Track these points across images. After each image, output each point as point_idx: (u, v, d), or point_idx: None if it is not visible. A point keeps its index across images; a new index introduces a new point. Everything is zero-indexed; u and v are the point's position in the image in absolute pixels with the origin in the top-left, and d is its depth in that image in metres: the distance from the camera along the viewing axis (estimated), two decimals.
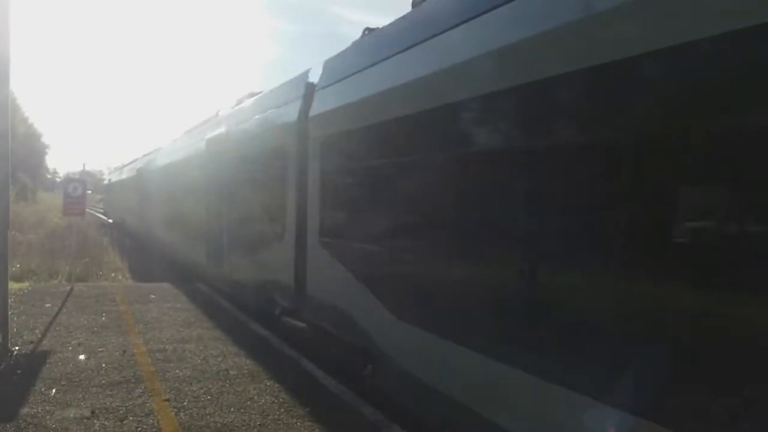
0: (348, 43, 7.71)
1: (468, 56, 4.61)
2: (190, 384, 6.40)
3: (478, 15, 4.60)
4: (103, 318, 9.59)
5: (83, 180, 14.19)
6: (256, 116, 10.16)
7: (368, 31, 7.22)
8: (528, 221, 4.17)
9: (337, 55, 7.72)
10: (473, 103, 4.65)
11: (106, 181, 41.66)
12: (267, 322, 9.27)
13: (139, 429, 5.12)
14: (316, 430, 5.29)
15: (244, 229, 10.59)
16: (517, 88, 4.11)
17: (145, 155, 27.27)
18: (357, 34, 7.52)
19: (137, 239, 24.00)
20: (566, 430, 3.67)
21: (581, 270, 3.72)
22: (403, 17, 6.29)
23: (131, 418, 5.37)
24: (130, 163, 32.96)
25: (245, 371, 6.94)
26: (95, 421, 5.25)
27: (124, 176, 31.52)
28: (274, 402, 5.95)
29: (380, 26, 7.02)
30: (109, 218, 38.84)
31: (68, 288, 12.34)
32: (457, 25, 4.89)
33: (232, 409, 5.68)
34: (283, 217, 8.41)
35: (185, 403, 5.80)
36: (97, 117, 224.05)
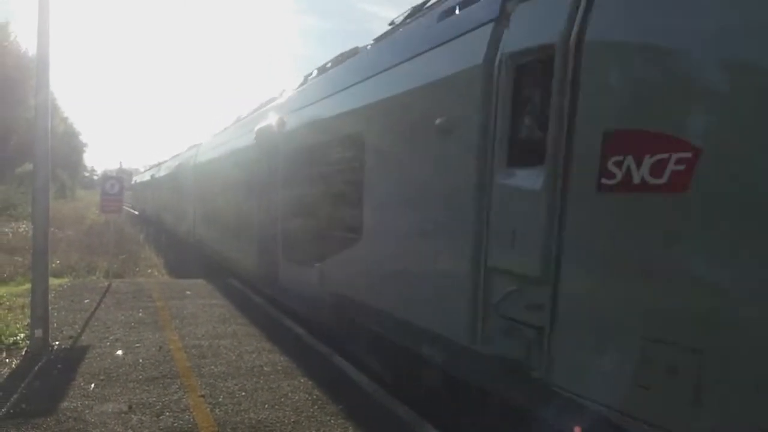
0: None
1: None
2: (225, 380, 6.46)
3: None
4: (140, 314, 9.75)
5: (120, 178, 14.43)
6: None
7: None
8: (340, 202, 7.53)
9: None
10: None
11: (133, 182, 47.96)
12: (300, 320, 9.28)
13: (176, 425, 5.18)
14: (350, 427, 5.28)
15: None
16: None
17: (158, 164, 33.79)
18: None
19: (152, 223, 27.92)
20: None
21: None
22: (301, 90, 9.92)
23: (167, 413, 5.44)
24: (150, 168, 41.83)
25: (279, 368, 6.98)
26: (132, 416, 5.33)
27: (145, 178, 39.94)
28: (307, 399, 5.97)
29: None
30: (135, 210, 45.97)
31: (106, 284, 12.58)
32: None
33: (266, 406, 5.72)
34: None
35: (220, 399, 5.86)
36: (133, 116, 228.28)
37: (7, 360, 6.87)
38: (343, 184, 7.45)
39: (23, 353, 7.09)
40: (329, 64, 9.21)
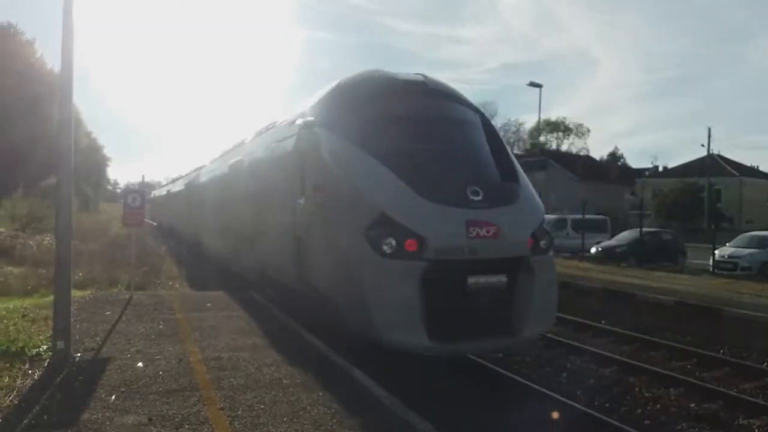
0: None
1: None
2: (245, 393, 6.45)
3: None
4: (161, 326, 9.80)
5: (142, 191, 14.61)
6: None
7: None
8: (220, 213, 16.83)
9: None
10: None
11: (152, 196, 50.49)
12: (318, 332, 9.27)
13: None
14: None
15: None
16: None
17: (172, 182, 42.26)
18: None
19: (166, 230, 33.44)
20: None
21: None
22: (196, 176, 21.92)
23: (187, 426, 5.44)
24: (167, 184, 48.15)
25: (298, 381, 6.96)
26: (152, 428, 5.34)
27: (161, 193, 45.33)
28: (326, 412, 5.94)
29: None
30: (153, 221, 48.30)
31: (127, 296, 12.68)
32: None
33: (285, 419, 5.70)
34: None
35: (239, 412, 5.85)
36: (156, 128, 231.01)
37: (30, 371, 6.94)
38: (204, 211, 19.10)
39: (45, 365, 7.16)
40: (229, 146, 19.42)
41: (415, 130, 8.77)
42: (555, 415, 7.69)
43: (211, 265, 19.81)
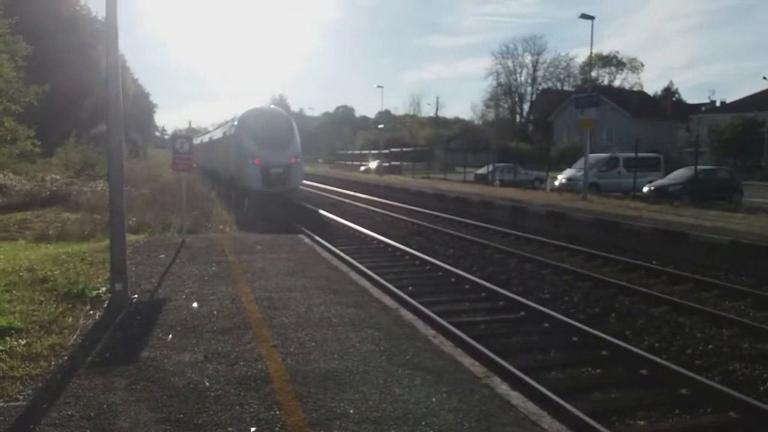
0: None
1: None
2: (296, 331, 6.62)
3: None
4: (213, 268, 10.07)
5: (190, 137, 14.75)
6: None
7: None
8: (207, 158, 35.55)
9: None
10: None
11: (196, 142, 55.57)
12: (366, 274, 9.39)
13: (249, 373, 5.36)
14: (417, 378, 5.34)
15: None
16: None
17: (209, 131, 47.55)
18: None
19: (202, 171, 38.37)
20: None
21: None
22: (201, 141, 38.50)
23: (241, 362, 5.63)
24: (207, 132, 50.47)
25: (347, 320, 7.10)
26: (208, 365, 5.55)
27: (200, 141, 48.88)
28: (375, 350, 6.05)
29: None
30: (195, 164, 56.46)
31: (180, 240, 13.03)
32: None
33: (335, 356, 5.84)
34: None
35: (291, 349, 6.02)
36: (200, 75, 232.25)
37: (91, 312, 7.25)
38: (220, 153, 29.65)
39: (105, 306, 7.46)
40: (211, 128, 45.81)
41: (264, 127, 23.06)
42: (603, 353, 7.71)
43: (258, 210, 20.53)
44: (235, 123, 24.28)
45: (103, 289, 8.03)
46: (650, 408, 6.31)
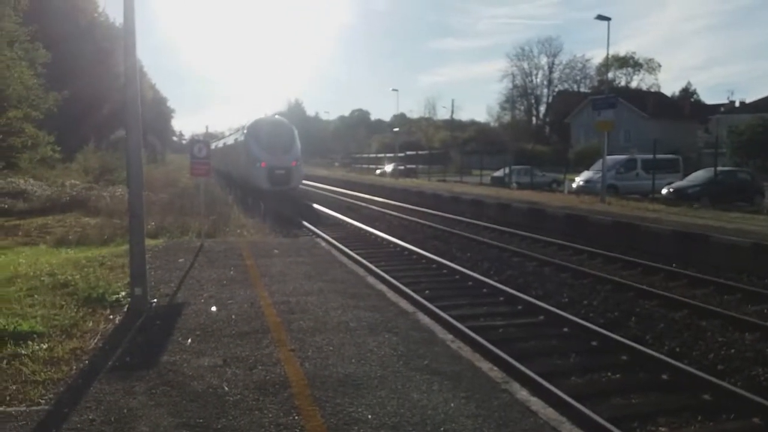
0: None
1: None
2: (313, 335, 6.63)
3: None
4: (232, 272, 10.12)
5: (207, 141, 14.81)
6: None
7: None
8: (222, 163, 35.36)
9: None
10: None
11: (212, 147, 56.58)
12: (380, 277, 9.38)
13: (268, 378, 5.37)
14: (435, 383, 5.32)
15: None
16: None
17: (225, 137, 49.42)
18: None
19: (218, 174, 38.78)
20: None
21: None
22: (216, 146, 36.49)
23: (260, 367, 5.64)
24: (223, 138, 51.43)
25: (364, 323, 7.09)
26: (227, 370, 5.57)
27: (217, 146, 49.90)
28: (392, 354, 6.04)
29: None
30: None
31: (198, 244, 13.11)
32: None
33: (353, 360, 5.83)
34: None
35: (309, 354, 6.02)
36: (217, 80, 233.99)
37: (111, 316, 7.31)
38: (232, 157, 31.85)
39: (125, 310, 7.53)
40: (228, 132, 50.73)
41: (269, 134, 25.90)
42: (623, 358, 7.63)
43: (276, 214, 20.60)
44: (245, 131, 27.28)
45: (123, 293, 8.09)
46: (672, 414, 6.24)
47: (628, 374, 7.30)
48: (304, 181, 34.30)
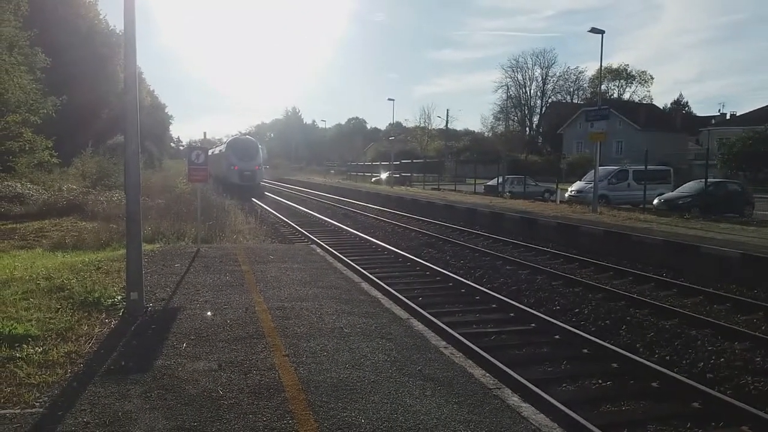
0: None
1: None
2: (308, 341, 6.68)
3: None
4: (227, 277, 10.16)
5: (205, 148, 14.88)
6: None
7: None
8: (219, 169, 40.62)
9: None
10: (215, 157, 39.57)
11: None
12: (375, 283, 9.45)
13: (262, 382, 5.43)
14: (428, 388, 5.38)
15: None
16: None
17: (220, 144, 54.59)
18: None
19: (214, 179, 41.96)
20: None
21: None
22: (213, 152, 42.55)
23: (255, 371, 5.70)
24: (218, 146, 55.45)
25: (358, 329, 7.16)
26: (222, 374, 5.62)
27: (213, 152, 54.86)
28: (386, 360, 6.11)
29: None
30: None
31: (194, 249, 13.14)
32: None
33: (347, 366, 5.89)
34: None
35: (303, 359, 6.08)
36: (216, 85, 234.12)
37: (107, 320, 7.34)
38: (218, 163, 38.19)
39: (120, 314, 7.56)
40: (223, 138, 62.60)
41: (240, 148, 38.35)
42: (614, 365, 7.72)
43: (272, 222, 20.55)
44: (225, 145, 40.64)
45: (119, 297, 8.13)
46: (662, 421, 6.32)
47: (618, 382, 7.39)
48: (301, 188, 44.67)
